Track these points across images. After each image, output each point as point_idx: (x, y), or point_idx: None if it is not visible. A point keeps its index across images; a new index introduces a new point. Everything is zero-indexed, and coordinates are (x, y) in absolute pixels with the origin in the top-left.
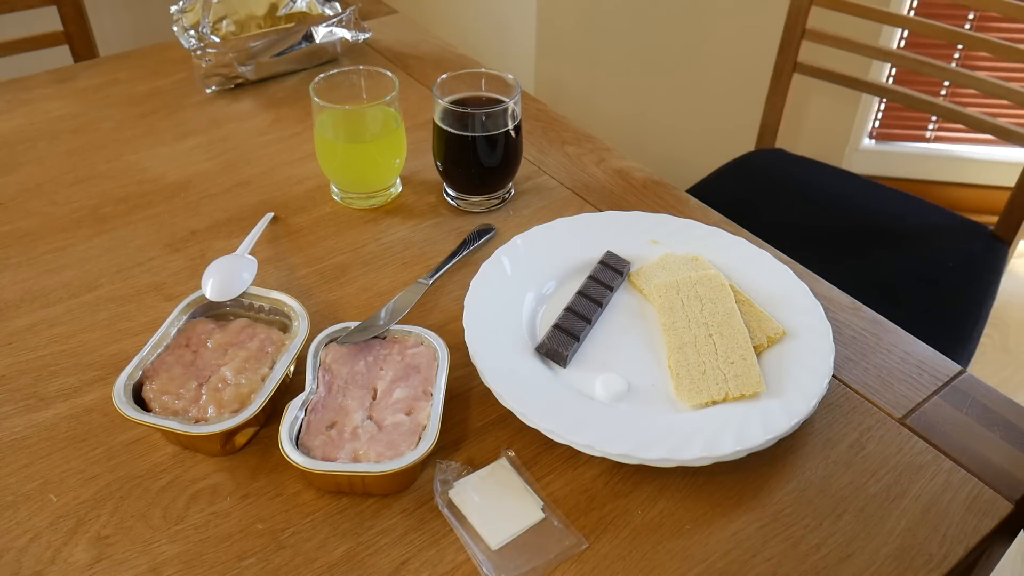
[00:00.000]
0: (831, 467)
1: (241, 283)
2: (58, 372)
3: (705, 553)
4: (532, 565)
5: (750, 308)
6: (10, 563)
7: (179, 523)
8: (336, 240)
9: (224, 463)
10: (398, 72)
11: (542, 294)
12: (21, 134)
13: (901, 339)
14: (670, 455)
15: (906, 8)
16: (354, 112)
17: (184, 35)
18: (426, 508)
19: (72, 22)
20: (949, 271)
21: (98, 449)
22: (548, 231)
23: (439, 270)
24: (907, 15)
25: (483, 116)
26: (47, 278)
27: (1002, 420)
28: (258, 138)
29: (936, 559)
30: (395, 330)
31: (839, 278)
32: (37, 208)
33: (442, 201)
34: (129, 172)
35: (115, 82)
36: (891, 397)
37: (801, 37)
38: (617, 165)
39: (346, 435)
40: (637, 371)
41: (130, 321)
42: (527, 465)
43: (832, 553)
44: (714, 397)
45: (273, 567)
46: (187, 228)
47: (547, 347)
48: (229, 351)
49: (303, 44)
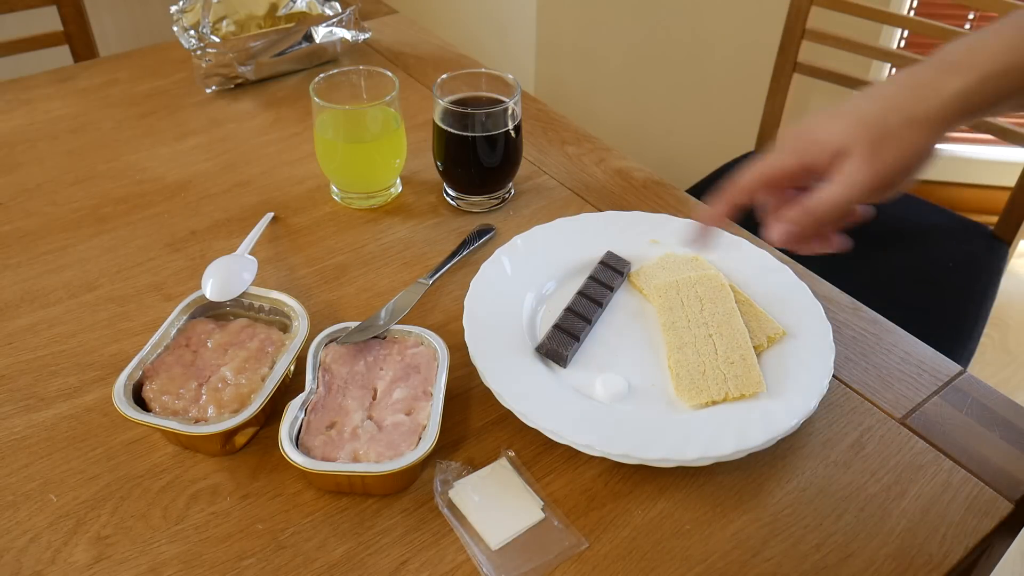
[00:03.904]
0: (831, 467)
1: (241, 283)
2: (58, 372)
3: (705, 553)
4: (532, 565)
5: (750, 308)
6: (10, 563)
7: (179, 523)
8: (336, 240)
9: (224, 463)
10: (398, 72)
11: (542, 294)
12: (21, 134)
13: (901, 339)
14: (670, 455)
15: (906, 8)
16: (354, 112)
17: (184, 35)
18: (426, 508)
19: (72, 22)
20: (949, 271)
21: (98, 449)
22: (548, 231)
23: (439, 270)
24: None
25: (483, 116)
26: (47, 278)
27: (1002, 420)
28: (258, 138)
29: (936, 559)
30: (395, 330)
31: (839, 278)
32: (37, 208)
33: (442, 201)
34: (129, 172)
35: (115, 82)
36: (891, 397)
37: (801, 37)
38: (617, 165)
39: (346, 435)
40: (637, 371)
41: (130, 321)
42: (527, 465)
43: (832, 553)
44: (714, 397)
45: (273, 567)
46: (187, 228)
47: (547, 347)
48: (229, 351)
49: (303, 44)
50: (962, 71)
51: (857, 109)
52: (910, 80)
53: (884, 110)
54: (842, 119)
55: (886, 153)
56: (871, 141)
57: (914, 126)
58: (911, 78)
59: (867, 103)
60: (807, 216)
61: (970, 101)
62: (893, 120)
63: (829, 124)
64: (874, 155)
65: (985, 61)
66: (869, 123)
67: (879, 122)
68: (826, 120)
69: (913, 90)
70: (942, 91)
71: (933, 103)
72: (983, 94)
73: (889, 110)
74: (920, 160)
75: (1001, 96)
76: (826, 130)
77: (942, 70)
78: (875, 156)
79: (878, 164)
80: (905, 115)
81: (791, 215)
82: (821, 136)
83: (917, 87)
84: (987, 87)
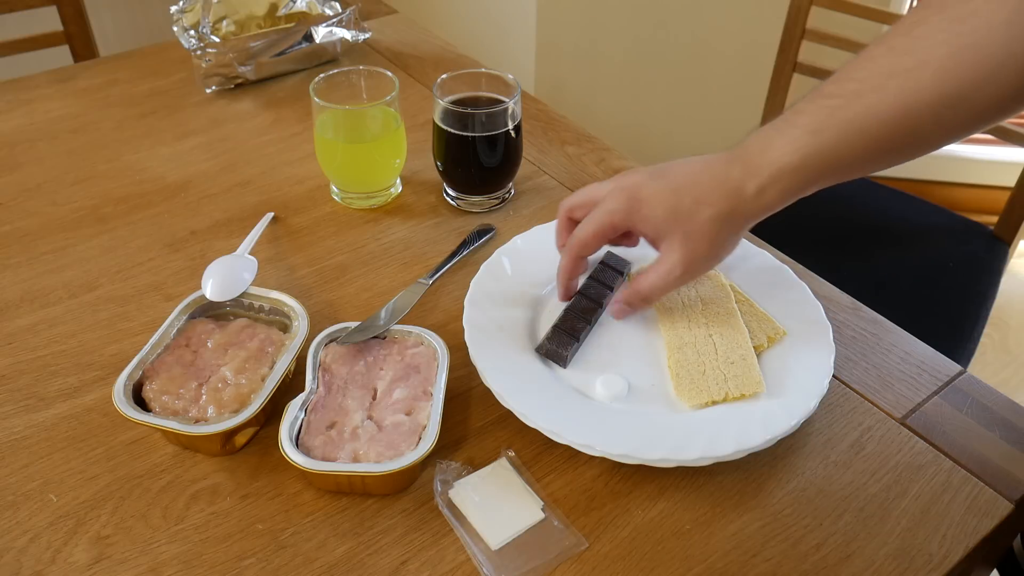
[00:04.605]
0: (831, 467)
1: (241, 283)
2: (58, 372)
3: (705, 553)
4: (532, 565)
5: (750, 308)
6: (10, 563)
7: (179, 523)
8: (336, 240)
9: (224, 463)
10: (398, 72)
11: (542, 294)
12: (21, 134)
13: (901, 339)
14: (670, 455)
15: (906, 8)
16: (354, 112)
17: (184, 35)
18: (426, 508)
19: (72, 22)
20: (949, 271)
21: (98, 449)
22: (548, 231)
23: (439, 270)
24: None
25: (483, 116)
26: (47, 278)
27: (1002, 420)
28: (258, 138)
29: (936, 559)
30: (395, 330)
31: (839, 278)
32: (37, 208)
33: (442, 201)
34: (129, 172)
35: (115, 82)
36: (891, 397)
37: (801, 37)
38: (617, 165)
39: (346, 435)
40: (637, 371)
41: (130, 321)
42: (527, 465)
43: (832, 553)
44: (714, 397)
45: (273, 567)
46: (187, 228)
47: (547, 347)
48: (229, 351)
49: (303, 44)
50: (759, 172)
51: (675, 196)
52: (720, 175)
53: (696, 203)
54: (663, 205)
55: (696, 245)
56: (684, 234)
57: (721, 223)
58: (721, 173)
59: (684, 191)
60: (636, 297)
61: (770, 200)
62: (704, 215)
63: (653, 205)
64: (685, 247)
65: (775, 160)
66: (682, 216)
67: (691, 216)
68: (651, 196)
69: (722, 185)
70: (744, 192)
71: (737, 203)
72: (782, 192)
73: (701, 204)
74: (727, 250)
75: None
76: (651, 209)
77: (745, 170)
78: (686, 247)
79: (689, 255)
80: (714, 211)
81: (626, 296)
82: (646, 213)
83: (725, 183)
84: (784, 186)
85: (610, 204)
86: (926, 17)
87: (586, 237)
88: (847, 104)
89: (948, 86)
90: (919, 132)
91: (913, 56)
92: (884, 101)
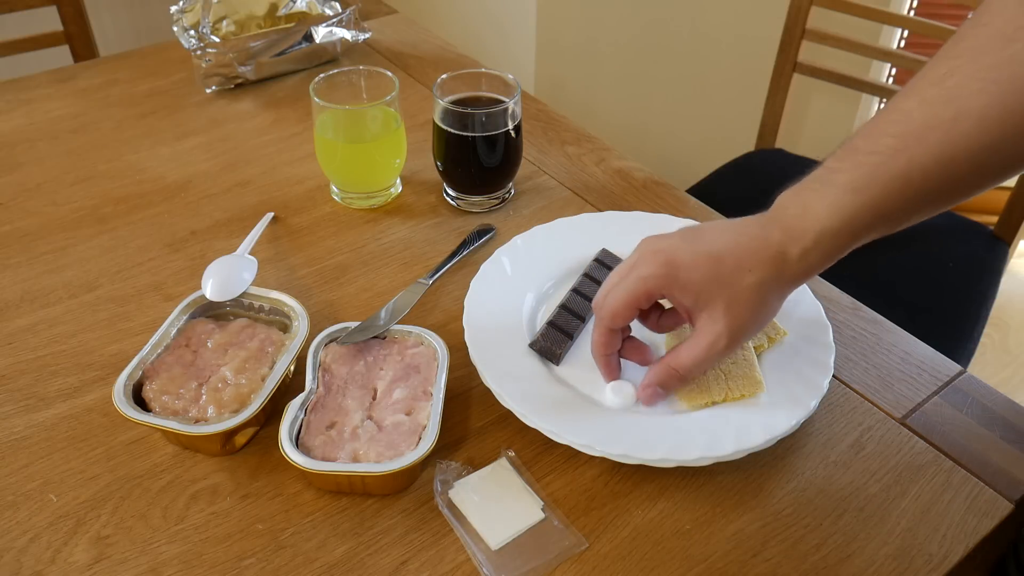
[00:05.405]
0: (831, 467)
1: (241, 283)
2: (58, 372)
3: (705, 553)
4: (532, 565)
5: None
6: (10, 563)
7: (179, 523)
8: (336, 240)
9: (224, 463)
10: (398, 72)
11: (542, 294)
12: (21, 134)
13: (901, 339)
14: (670, 455)
15: (906, 8)
16: (354, 112)
17: (184, 35)
18: (426, 508)
19: (72, 22)
20: (949, 271)
21: (98, 449)
22: (548, 231)
23: (439, 270)
24: (907, 15)
25: (483, 116)
26: (47, 278)
27: (1002, 420)
28: (258, 138)
29: (936, 559)
30: (395, 330)
31: (839, 278)
32: (37, 208)
33: (442, 201)
34: (129, 172)
35: (115, 82)
36: (891, 397)
37: (801, 37)
38: (617, 165)
39: (346, 435)
40: (637, 371)
41: (130, 321)
42: (527, 465)
43: (832, 553)
44: (714, 398)
45: (273, 567)
46: (187, 228)
47: (540, 345)
48: (229, 351)
49: (303, 44)
50: (802, 236)
51: (715, 261)
52: (760, 239)
53: (738, 269)
54: (701, 270)
55: (742, 312)
56: (728, 302)
57: (766, 289)
58: (760, 236)
59: (724, 256)
60: (673, 377)
61: (813, 263)
62: (748, 281)
63: (691, 270)
64: (729, 315)
65: (816, 223)
66: (724, 283)
67: (734, 282)
68: (689, 261)
69: (763, 249)
70: (788, 256)
71: (782, 268)
72: (825, 254)
73: (743, 269)
74: (770, 317)
75: (846, 248)
76: (690, 274)
77: (786, 233)
78: (730, 315)
79: (734, 323)
80: (758, 277)
81: (659, 377)
82: (684, 279)
83: (766, 247)
84: (826, 248)
85: (644, 270)
86: (958, 67)
87: (617, 306)
88: (888, 160)
89: (991, 135)
90: (959, 182)
91: (952, 106)
92: (928, 154)
